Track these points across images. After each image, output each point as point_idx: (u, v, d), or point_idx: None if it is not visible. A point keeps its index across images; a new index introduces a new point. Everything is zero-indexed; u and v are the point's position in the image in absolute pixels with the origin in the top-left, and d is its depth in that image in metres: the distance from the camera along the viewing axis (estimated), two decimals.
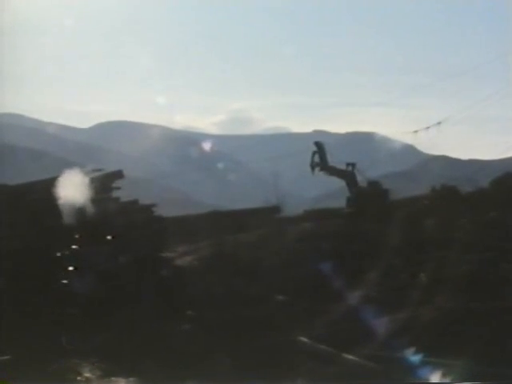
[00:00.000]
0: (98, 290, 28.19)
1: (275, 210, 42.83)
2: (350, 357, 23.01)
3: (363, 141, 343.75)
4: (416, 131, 52.74)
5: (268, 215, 41.20)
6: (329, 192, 59.11)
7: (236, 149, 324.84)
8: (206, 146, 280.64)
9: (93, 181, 31.40)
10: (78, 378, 22.15)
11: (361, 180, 43.76)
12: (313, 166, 44.78)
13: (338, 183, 45.92)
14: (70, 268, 29.59)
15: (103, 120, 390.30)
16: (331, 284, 28.15)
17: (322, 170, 44.57)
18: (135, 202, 33.67)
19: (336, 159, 46.34)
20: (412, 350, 22.30)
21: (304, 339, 24.89)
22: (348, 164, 44.45)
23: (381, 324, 24.92)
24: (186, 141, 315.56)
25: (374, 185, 43.11)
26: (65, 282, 29.02)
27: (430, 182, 47.18)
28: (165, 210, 39.85)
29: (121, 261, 30.37)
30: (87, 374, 22.33)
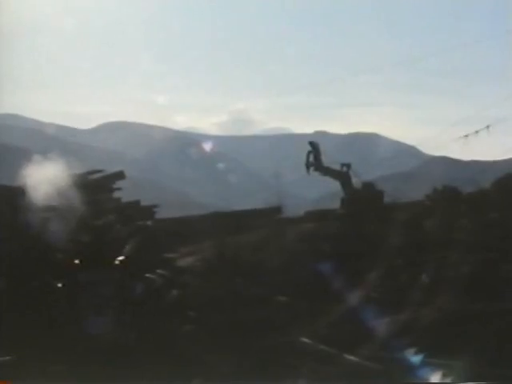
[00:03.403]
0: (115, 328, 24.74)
1: (276, 210, 42.76)
2: (352, 357, 23.11)
3: (365, 141, 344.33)
4: (466, 135, 51.35)
5: (269, 216, 41.11)
6: (330, 193, 59.12)
7: (237, 149, 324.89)
8: (207, 146, 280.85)
9: (94, 182, 31.42)
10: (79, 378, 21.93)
11: (356, 181, 43.68)
12: (308, 166, 44.73)
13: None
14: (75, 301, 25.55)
15: (104, 121, 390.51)
16: (332, 285, 28.22)
17: (316, 170, 44.52)
18: (136, 202, 33.69)
19: (337, 160, 46.30)
20: (413, 350, 22.39)
21: (305, 340, 24.98)
22: (343, 164, 44.29)
23: (382, 325, 25.02)
24: (187, 141, 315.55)
25: (368, 186, 43.04)
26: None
27: (431, 183, 47.15)
28: (166, 211, 39.94)
29: (138, 290, 26.79)
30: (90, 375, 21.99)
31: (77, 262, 26.86)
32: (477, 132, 48.56)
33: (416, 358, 22.08)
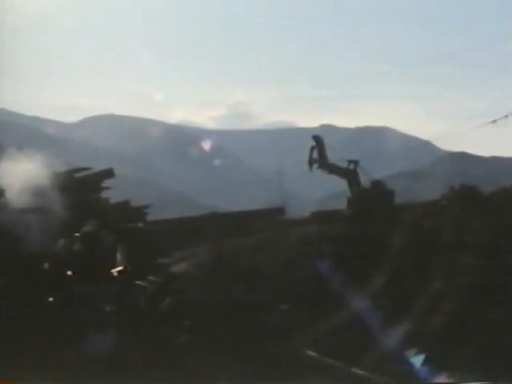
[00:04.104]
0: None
1: (279, 211, 42.96)
2: (358, 371, 23.26)
3: (375, 136, 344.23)
4: (495, 121, 51.09)
5: (271, 217, 41.30)
6: (337, 192, 59.23)
7: (236, 145, 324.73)
8: (204, 142, 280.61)
9: (79, 181, 31.44)
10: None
11: (364, 179, 43.71)
12: (311, 163, 44.76)
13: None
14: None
15: (92, 114, 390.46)
16: (339, 291, 28.29)
17: (320, 167, 44.54)
18: (126, 203, 33.75)
19: (343, 156, 46.38)
20: (422, 362, 22.57)
21: (310, 352, 25.07)
22: (350, 161, 44.36)
23: (391, 335, 25.12)
24: (183, 136, 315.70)
25: (377, 185, 43.07)
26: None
27: (447, 181, 47.20)
28: (159, 212, 39.99)
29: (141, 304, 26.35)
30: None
31: (69, 273, 26.02)
32: (506, 117, 48.34)
33: (426, 372, 22.30)
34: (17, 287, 25.20)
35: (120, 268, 26.88)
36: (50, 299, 25.26)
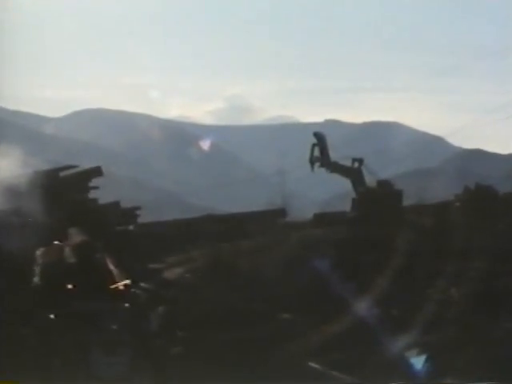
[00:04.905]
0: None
1: (280, 213, 42.99)
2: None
3: (382, 132, 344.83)
4: None
5: (272, 219, 41.36)
6: (342, 192, 59.27)
7: (234, 142, 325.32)
8: (201, 138, 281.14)
9: (65, 180, 31.40)
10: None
11: (370, 179, 43.79)
12: (312, 162, 44.95)
13: None
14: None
15: (80, 107, 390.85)
16: (344, 300, 28.28)
17: (322, 166, 44.73)
18: (116, 204, 33.73)
19: (348, 154, 46.48)
20: (424, 363, 22.62)
21: (314, 365, 25.05)
22: (354, 160, 44.53)
23: (399, 344, 25.14)
24: (178, 132, 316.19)
25: (384, 185, 43.11)
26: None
27: (462, 180, 47.17)
28: (151, 214, 39.97)
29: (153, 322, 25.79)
30: None
31: (70, 286, 25.24)
32: None
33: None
34: (13, 301, 24.60)
35: (126, 281, 26.18)
36: (51, 316, 24.41)
